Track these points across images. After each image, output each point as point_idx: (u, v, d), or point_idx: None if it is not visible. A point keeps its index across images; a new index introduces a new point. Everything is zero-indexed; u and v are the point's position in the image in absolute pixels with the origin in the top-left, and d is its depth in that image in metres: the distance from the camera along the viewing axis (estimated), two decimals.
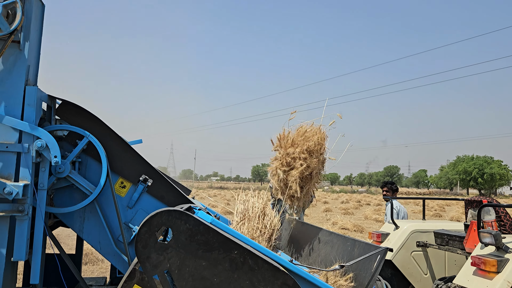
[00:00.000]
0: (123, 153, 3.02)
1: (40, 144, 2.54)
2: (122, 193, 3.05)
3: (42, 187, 2.66)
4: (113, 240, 3.00)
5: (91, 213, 2.99)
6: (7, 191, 2.41)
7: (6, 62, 2.53)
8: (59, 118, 2.98)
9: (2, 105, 2.52)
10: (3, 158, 2.52)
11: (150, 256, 2.37)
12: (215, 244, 2.42)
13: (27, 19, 2.55)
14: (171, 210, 2.40)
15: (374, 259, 2.93)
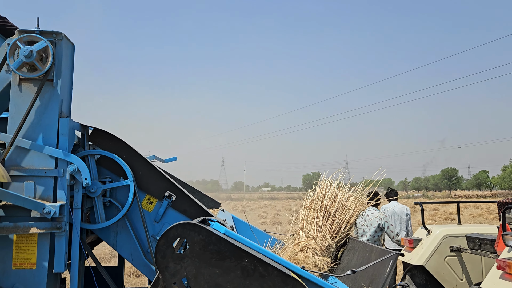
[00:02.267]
0: (148, 172, 3.33)
1: (72, 168, 2.90)
2: (149, 208, 3.36)
3: (76, 206, 3.01)
4: (142, 252, 3.30)
5: (122, 228, 3.31)
6: (46, 211, 2.77)
7: (42, 98, 2.92)
8: (92, 144, 3.35)
9: (40, 136, 2.91)
10: (43, 182, 2.89)
11: (168, 266, 2.62)
12: (227, 253, 2.63)
13: (58, 60, 2.93)
14: (185, 223, 2.64)
15: (387, 263, 3.01)
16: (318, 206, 4.51)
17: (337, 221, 4.31)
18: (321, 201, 4.58)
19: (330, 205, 4.53)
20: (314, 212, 4.40)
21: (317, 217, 4.33)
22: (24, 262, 2.85)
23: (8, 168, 2.83)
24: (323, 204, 4.52)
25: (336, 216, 4.36)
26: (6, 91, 2.98)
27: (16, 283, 2.83)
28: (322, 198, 4.64)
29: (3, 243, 2.85)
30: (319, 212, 4.39)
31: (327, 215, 4.38)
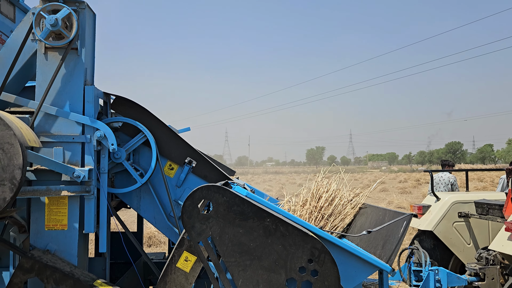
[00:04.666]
0: (170, 139, 3.44)
1: (99, 135, 3.01)
2: (171, 174, 3.48)
3: (103, 171, 3.14)
4: (165, 216, 3.45)
5: (145, 193, 3.45)
6: (76, 175, 2.90)
7: (67, 66, 3.00)
8: (114, 112, 3.44)
9: (67, 103, 3.01)
10: (71, 148, 3.01)
11: (195, 225, 2.76)
12: (250, 213, 2.76)
13: (81, 28, 3.00)
14: (210, 185, 2.77)
15: (401, 224, 3.14)
16: (312, 207, 4.34)
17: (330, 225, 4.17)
18: (316, 201, 4.40)
19: (326, 207, 4.35)
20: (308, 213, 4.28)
21: (310, 219, 4.22)
22: (56, 223, 3.00)
23: (38, 134, 2.94)
24: (318, 205, 4.36)
25: (329, 220, 4.23)
26: (32, 60, 3.06)
27: (49, 243, 2.99)
28: (318, 199, 4.44)
29: (36, 205, 2.99)
30: (312, 213, 4.26)
31: (320, 217, 4.25)
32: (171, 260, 2.92)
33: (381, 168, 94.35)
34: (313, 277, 2.72)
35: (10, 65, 2.91)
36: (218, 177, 3.49)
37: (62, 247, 3.01)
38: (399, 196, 22.78)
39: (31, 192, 2.87)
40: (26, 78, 3.22)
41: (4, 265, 3.37)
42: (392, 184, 34.33)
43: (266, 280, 2.75)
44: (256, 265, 2.76)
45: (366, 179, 42.03)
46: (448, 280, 4.70)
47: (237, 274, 2.76)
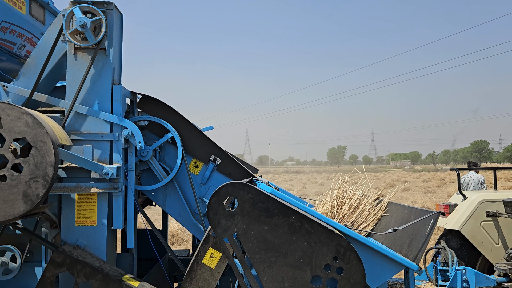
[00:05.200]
0: (195, 137, 3.49)
1: (127, 133, 3.08)
2: (196, 172, 3.53)
3: (131, 168, 3.20)
4: (190, 213, 3.49)
5: (171, 190, 3.50)
6: (105, 172, 2.97)
7: (96, 66, 3.08)
8: (140, 110, 3.51)
9: (96, 102, 3.08)
10: (100, 146, 3.08)
11: (220, 222, 2.79)
12: (275, 210, 2.78)
13: (109, 29, 3.07)
14: (235, 183, 2.80)
15: (428, 222, 3.10)
16: (333, 214, 4.26)
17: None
18: (337, 209, 4.32)
19: (349, 215, 4.26)
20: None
21: None
22: (86, 219, 3.08)
23: (68, 133, 3.03)
24: (340, 213, 4.29)
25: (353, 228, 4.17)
26: (62, 61, 3.15)
27: (79, 238, 3.07)
28: (340, 205, 4.35)
29: (66, 202, 3.08)
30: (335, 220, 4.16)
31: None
32: (197, 256, 2.96)
33: (404, 168, 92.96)
34: (338, 275, 2.72)
35: (42, 66, 3.00)
36: (242, 174, 3.52)
37: (91, 243, 3.08)
38: (423, 195, 22.39)
39: (62, 188, 2.96)
40: (57, 78, 3.32)
41: (35, 260, 3.47)
42: (416, 184, 33.77)
43: (291, 277, 2.76)
44: (281, 262, 2.77)
45: (388, 179, 41.47)
46: (476, 280, 4.61)
47: (262, 271, 2.78)
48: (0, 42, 3.51)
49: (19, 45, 3.76)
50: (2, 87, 3.02)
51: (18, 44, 3.73)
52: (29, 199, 2.51)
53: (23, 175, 2.51)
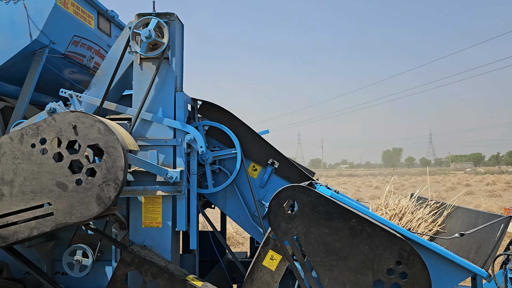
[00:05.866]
0: (253, 141, 3.56)
1: (189, 138, 3.20)
2: (254, 175, 3.59)
3: (193, 172, 3.33)
4: (250, 215, 3.56)
5: (231, 193, 3.59)
6: (169, 176, 3.11)
7: (160, 75, 3.24)
8: (201, 116, 3.64)
9: (160, 109, 3.24)
10: (164, 150, 3.23)
11: (280, 225, 2.83)
12: (335, 213, 2.77)
13: (172, 39, 3.22)
14: (295, 186, 2.82)
15: (497, 227, 2.96)
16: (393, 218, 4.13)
17: None
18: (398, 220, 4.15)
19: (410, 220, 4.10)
20: None
21: None
22: (152, 221, 3.23)
23: (135, 139, 3.20)
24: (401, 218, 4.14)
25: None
26: (129, 71, 3.34)
27: (146, 239, 3.23)
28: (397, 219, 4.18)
29: (134, 204, 3.25)
30: None
31: None
32: (257, 258, 3.01)
33: (466, 170, 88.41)
34: (402, 280, 2.66)
35: (111, 76, 3.21)
36: (300, 177, 3.54)
37: (157, 243, 3.23)
38: (487, 199, 21.16)
39: (130, 191, 3.13)
40: (124, 87, 3.52)
41: (105, 259, 3.68)
42: (479, 187, 31.97)
43: (352, 281, 2.74)
44: (342, 266, 2.76)
45: (449, 182, 39.62)
46: None
47: (323, 274, 2.78)
48: (72, 55, 3.77)
49: (88, 57, 4.02)
50: (76, 96, 3.25)
51: (87, 56, 3.99)
52: (102, 201, 2.68)
53: (96, 179, 2.68)
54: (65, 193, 2.67)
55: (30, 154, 2.70)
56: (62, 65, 3.75)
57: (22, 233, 2.73)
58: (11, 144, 2.72)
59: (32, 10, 3.24)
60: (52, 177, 2.69)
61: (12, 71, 3.53)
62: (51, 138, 2.70)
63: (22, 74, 3.56)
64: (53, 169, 2.70)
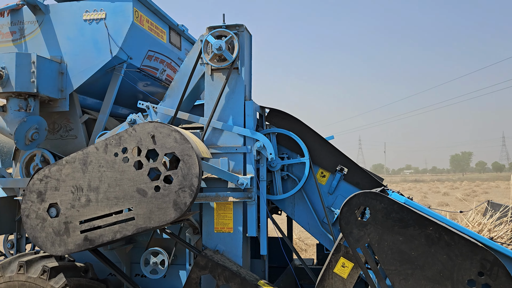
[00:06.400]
0: (321, 147, 3.56)
1: (259, 145, 3.28)
2: (323, 181, 3.59)
3: (262, 178, 3.39)
4: (319, 222, 3.55)
5: (299, 199, 3.61)
6: (240, 182, 3.19)
7: (230, 85, 3.35)
8: (268, 123, 3.70)
9: (230, 118, 3.35)
10: (234, 158, 3.33)
11: (352, 232, 2.80)
12: (410, 221, 2.69)
13: (241, 49, 3.32)
14: (367, 192, 2.78)
15: None
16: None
17: None
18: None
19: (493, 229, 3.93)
20: None
21: None
22: (223, 226, 3.34)
23: (207, 146, 3.33)
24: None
25: None
26: (200, 82, 3.49)
27: (218, 244, 3.33)
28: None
29: (206, 210, 3.37)
30: None
31: None
32: (328, 265, 2.99)
33: None
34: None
35: (184, 87, 3.37)
36: (370, 184, 3.48)
37: (228, 248, 3.33)
38: None
39: (203, 198, 3.25)
40: (195, 98, 3.68)
41: (179, 263, 3.84)
42: None
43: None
44: (419, 275, 2.67)
45: None
46: None
47: (398, 283, 2.71)
48: (147, 68, 4.00)
49: (161, 70, 4.24)
50: (152, 108, 3.44)
51: (160, 69, 4.22)
52: (178, 207, 2.81)
53: (173, 186, 2.81)
54: (145, 199, 2.83)
55: (113, 162, 2.90)
56: (137, 79, 3.99)
57: (106, 236, 2.92)
58: (96, 153, 2.93)
59: (112, 28, 3.48)
60: (133, 184, 2.87)
61: (94, 86, 3.81)
62: (132, 147, 2.87)
63: (102, 88, 3.83)
64: (134, 176, 2.87)
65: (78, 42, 3.54)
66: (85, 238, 2.91)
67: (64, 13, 3.56)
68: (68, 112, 3.67)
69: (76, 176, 2.92)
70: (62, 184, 2.94)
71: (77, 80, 3.57)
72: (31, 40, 3.60)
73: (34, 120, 3.36)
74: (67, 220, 2.92)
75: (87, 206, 2.90)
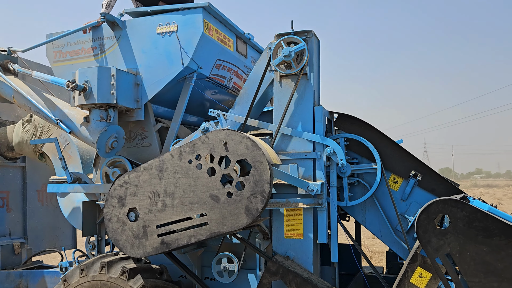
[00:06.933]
0: (393, 152, 3.45)
1: (329, 151, 3.25)
2: (395, 187, 3.48)
3: (333, 185, 3.35)
4: (392, 229, 3.45)
5: (370, 206, 3.53)
6: (310, 189, 3.18)
7: (299, 91, 3.35)
8: (337, 129, 3.66)
9: (299, 124, 3.35)
10: (304, 164, 3.32)
11: (431, 241, 2.68)
12: (495, 230, 2.54)
13: (310, 55, 3.31)
14: (447, 199, 2.66)
15: None
16: None
17: None
18: None
19: None
20: None
21: None
22: (293, 232, 3.33)
23: (276, 153, 3.35)
24: None
25: None
26: (268, 89, 3.53)
27: (288, 250, 3.34)
28: None
29: (276, 216, 3.39)
30: None
31: None
32: (404, 275, 2.89)
33: None
34: None
35: (253, 95, 3.42)
36: (447, 190, 3.32)
37: (299, 255, 3.32)
38: None
39: (274, 204, 3.27)
40: (264, 105, 3.72)
41: (248, 268, 3.88)
42: None
43: None
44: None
45: None
46: None
47: None
48: (215, 77, 4.11)
49: (228, 78, 4.34)
50: (223, 115, 3.53)
51: (227, 77, 4.31)
52: (250, 213, 2.84)
53: (245, 192, 2.86)
54: (218, 205, 2.90)
55: (187, 169, 3.00)
56: (206, 87, 4.11)
57: (181, 240, 3.02)
58: (172, 160, 3.05)
59: (184, 40, 3.61)
60: (206, 189, 2.94)
61: (165, 96, 3.98)
62: (205, 154, 2.96)
63: (172, 97, 3.99)
64: (207, 182, 2.95)
65: (152, 54, 3.71)
66: (162, 241, 3.03)
67: (139, 28, 3.76)
68: (143, 121, 3.86)
69: (153, 182, 3.06)
70: (140, 190, 3.09)
71: (151, 91, 3.74)
72: (110, 54, 3.84)
73: (114, 129, 3.56)
74: (145, 224, 3.06)
75: (163, 211, 3.02)
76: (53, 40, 3.97)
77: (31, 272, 4.80)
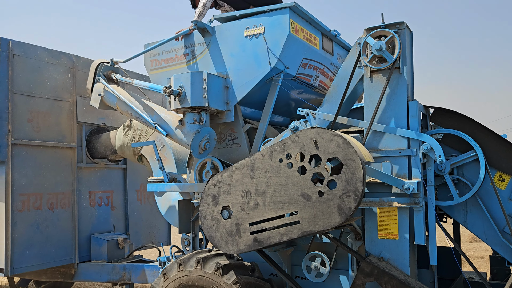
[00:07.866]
0: (499, 147, 3.18)
1: (426, 147, 3.08)
2: (502, 186, 3.20)
3: (430, 183, 3.17)
4: (498, 231, 3.18)
5: (473, 206, 3.29)
6: (406, 187, 3.04)
7: (391, 85, 3.23)
8: (433, 124, 3.45)
9: (392, 120, 3.22)
10: (398, 161, 3.18)
11: None
12: None
13: (402, 48, 3.17)
14: None
15: None
16: None
17: None
18: None
19: None
20: None
21: None
22: (388, 233, 3.21)
23: (368, 150, 3.25)
24: None
25: None
26: (357, 86, 3.45)
27: (382, 250, 3.22)
28: None
29: (369, 215, 3.29)
30: None
31: None
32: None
33: None
34: None
35: (343, 92, 3.36)
36: None
37: (394, 256, 3.18)
38: None
39: (367, 203, 3.18)
40: (353, 101, 3.64)
41: (340, 268, 3.81)
42: None
43: None
44: None
45: None
46: None
47: None
48: (301, 76, 4.11)
49: (314, 76, 4.31)
50: (312, 114, 3.51)
51: (313, 76, 4.29)
52: (343, 212, 2.79)
53: (337, 190, 2.81)
54: (309, 203, 2.89)
55: (278, 168, 3.03)
56: (293, 87, 4.12)
57: (273, 238, 3.06)
58: (262, 160, 3.10)
59: (270, 41, 3.66)
60: (297, 188, 2.95)
61: (253, 97, 4.06)
62: (295, 153, 2.97)
63: (259, 98, 4.06)
64: (298, 181, 2.95)
65: (240, 57, 3.81)
66: (254, 239, 3.10)
67: (227, 33, 3.88)
68: (232, 122, 3.98)
69: (244, 181, 3.14)
70: (232, 189, 3.18)
71: (240, 93, 3.84)
72: (201, 60, 4.02)
73: (206, 131, 3.72)
74: (238, 222, 3.15)
75: (255, 209, 3.08)
76: (150, 49, 4.26)
77: (133, 266, 5.19)
